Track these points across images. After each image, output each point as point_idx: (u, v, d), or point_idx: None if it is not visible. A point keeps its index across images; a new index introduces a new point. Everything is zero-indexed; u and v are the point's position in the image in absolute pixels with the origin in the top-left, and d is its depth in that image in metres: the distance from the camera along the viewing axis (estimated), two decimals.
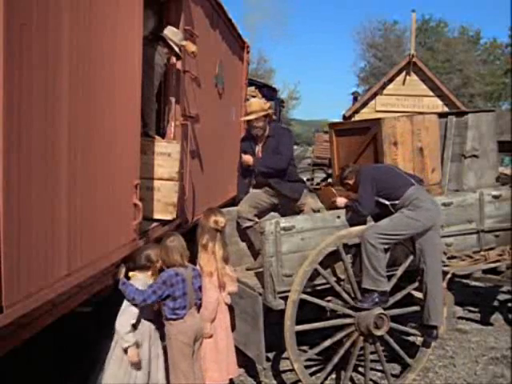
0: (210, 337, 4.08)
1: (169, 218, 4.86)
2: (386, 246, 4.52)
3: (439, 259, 4.74)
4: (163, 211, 4.85)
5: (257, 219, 5.37)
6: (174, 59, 5.24)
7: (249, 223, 5.38)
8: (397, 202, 4.58)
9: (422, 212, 4.53)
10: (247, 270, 5.33)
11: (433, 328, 4.67)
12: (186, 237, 5.92)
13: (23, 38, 2.45)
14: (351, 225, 4.73)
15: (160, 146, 4.84)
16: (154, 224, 4.78)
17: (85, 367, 4.54)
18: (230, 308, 4.32)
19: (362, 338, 4.63)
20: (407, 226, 4.52)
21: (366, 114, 16.52)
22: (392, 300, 4.68)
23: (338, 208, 4.91)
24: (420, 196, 4.61)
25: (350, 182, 4.94)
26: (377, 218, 4.71)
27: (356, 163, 5.67)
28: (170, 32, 5.02)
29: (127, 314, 3.71)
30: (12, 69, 2.36)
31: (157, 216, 4.86)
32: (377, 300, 4.51)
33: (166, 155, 4.83)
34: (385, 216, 4.64)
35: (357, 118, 16.46)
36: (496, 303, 7.16)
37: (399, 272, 4.68)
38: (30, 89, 2.54)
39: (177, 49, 5.05)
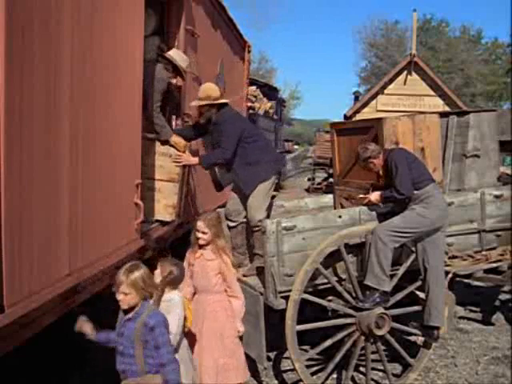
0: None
1: (168, 219, 4.87)
2: (397, 245, 4.51)
3: (442, 260, 4.74)
4: (163, 212, 4.84)
5: (241, 219, 5.28)
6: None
7: (232, 223, 5.32)
8: (415, 191, 4.57)
9: (434, 211, 4.54)
10: (244, 276, 5.29)
11: (434, 328, 4.67)
12: (185, 237, 5.96)
13: (24, 38, 2.46)
14: (387, 216, 4.70)
15: (162, 146, 4.84)
16: (155, 224, 4.78)
17: (85, 367, 4.55)
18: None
19: (363, 337, 4.63)
20: (419, 224, 4.51)
21: (367, 113, 16.49)
22: (393, 300, 4.68)
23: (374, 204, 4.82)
24: (436, 194, 4.62)
25: (376, 161, 4.78)
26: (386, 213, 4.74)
27: (357, 163, 5.66)
28: (177, 56, 5.05)
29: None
30: (13, 69, 2.36)
31: (157, 217, 4.86)
32: (378, 300, 4.50)
33: (168, 156, 4.83)
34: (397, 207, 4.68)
35: (358, 117, 16.43)
36: (497, 303, 7.15)
37: (401, 271, 4.68)
38: (31, 89, 2.54)
39: (184, 74, 5.11)
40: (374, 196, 4.79)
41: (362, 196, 4.93)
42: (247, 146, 4.95)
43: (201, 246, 4.03)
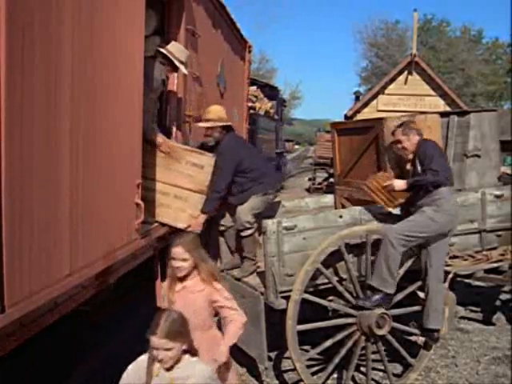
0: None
1: (189, 229, 4.86)
2: (406, 248, 4.49)
3: (443, 262, 4.73)
4: (186, 221, 4.84)
5: (228, 223, 5.36)
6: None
7: (221, 228, 5.44)
8: (430, 191, 4.50)
9: (444, 215, 4.48)
10: (221, 271, 5.33)
11: (433, 330, 4.67)
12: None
13: (25, 38, 2.45)
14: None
15: (195, 156, 4.84)
16: (156, 224, 4.77)
17: (84, 367, 4.55)
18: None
19: (363, 337, 4.63)
20: (428, 227, 4.47)
21: (367, 113, 16.49)
22: (394, 300, 4.68)
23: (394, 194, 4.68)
24: (448, 198, 4.55)
25: (407, 141, 4.65)
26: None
27: (358, 163, 5.66)
28: (174, 48, 5.02)
29: None
30: (14, 69, 2.36)
31: (178, 225, 4.85)
32: (380, 301, 4.49)
33: (199, 167, 4.82)
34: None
35: (359, 117, 16.43)
36: (498, 303, 7.15)
37: (401, 271, 4.67)
38: (32, 89, 2.54)
39: (182, 66, 5.04)
40: (398, 183, 4.58)
41: (386, 184, 4.66)
42: (244, 175, 5.03)
43: (182, 278, 3.35)
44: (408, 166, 4.81)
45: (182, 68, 5.07)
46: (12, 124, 2.36)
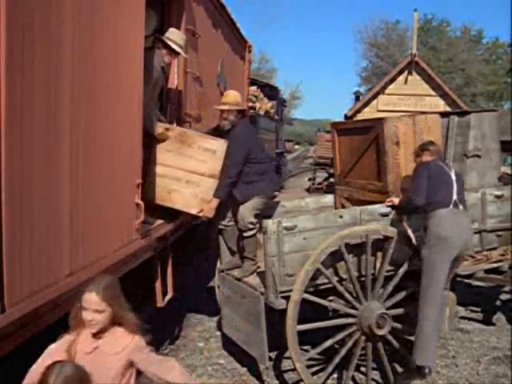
0: None
1: (200, 214, 4.89)
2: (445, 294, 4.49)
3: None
4: (197, 206, 4.86)
5: (225, 223, 5.41)
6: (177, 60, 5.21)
7: (221, 226, 5.46)
8: (428, 213, 4.47)
9: (437, 247, 4.34)
10: (220, 272, 5.34)
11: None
12: (185, 237, 5.97)
13: (25, 38, 2.46)
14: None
15: (207, 142, 4.88)
16: (157, 223, 4.77)
17: None
18: None
19: (363, 337, 4.63)
20: (436, 269, 4.34)
21: (367, 113, 16.48)
22: (394, 300, 4.68)
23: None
24: (440, 219, 4.40)
25: (417, 159, 4.83)
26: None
27: (358, 163, 5.66)
28: (172, 34, 5.01)
29: None
30: (14, 69, 2.37)
31: (190, 211, 4.88)
32: (428, 371, 4.44)
33: (211, 152, 4.85)
34: None
35: (359, 117, 16.41)
36: (498, 303, 7.14)
37: (401, 272, 4.68)
38: (32, 89, 2.54)
39: (180, 50, 5.02)
40: (396, 199, 4.83)
41: (388, 200, 4.90)
42: (250, 165, 5.05)
43: (95, 334, 2.54)
44: None
45: (181, 52, 5.06)
46: (12, 124, 2.37)
